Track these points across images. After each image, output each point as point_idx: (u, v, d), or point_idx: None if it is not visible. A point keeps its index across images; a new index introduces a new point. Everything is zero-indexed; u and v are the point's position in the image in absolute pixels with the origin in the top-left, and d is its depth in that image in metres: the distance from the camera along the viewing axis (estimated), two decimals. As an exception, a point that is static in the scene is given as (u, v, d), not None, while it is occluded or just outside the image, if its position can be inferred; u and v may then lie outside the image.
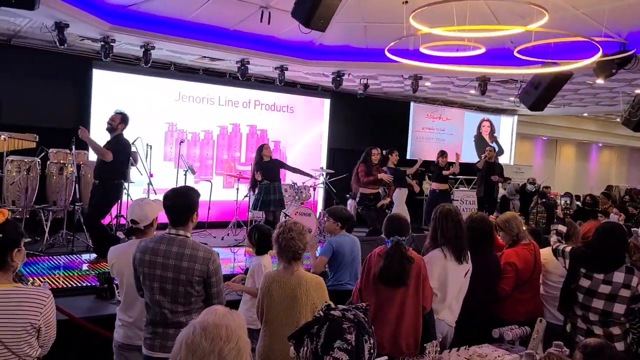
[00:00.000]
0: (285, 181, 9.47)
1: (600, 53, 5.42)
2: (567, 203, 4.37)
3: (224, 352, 1.51)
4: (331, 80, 9.45)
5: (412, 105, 13.03)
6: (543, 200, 10.72)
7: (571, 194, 11.16)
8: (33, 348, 2.38)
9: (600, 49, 5.31)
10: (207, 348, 1.51)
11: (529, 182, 12.61)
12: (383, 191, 8.54)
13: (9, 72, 8.22)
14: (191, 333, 1.54)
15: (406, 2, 6.00)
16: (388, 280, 3.44)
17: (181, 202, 2.95)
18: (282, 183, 8.74)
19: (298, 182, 9.52)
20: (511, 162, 15.10)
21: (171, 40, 7.55)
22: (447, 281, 3.76)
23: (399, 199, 9.41)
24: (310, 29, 5.56)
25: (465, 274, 3.83)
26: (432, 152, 11.32)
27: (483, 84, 9.31)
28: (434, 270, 3.73)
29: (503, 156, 14.77)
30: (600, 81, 8.24)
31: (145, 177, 8.05)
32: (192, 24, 7.48)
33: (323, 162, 11.50)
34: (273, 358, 3.09)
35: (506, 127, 15.07)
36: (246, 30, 7.76)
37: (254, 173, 8.21)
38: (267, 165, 8.27)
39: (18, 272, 2.64)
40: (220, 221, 9.50)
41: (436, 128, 13.56)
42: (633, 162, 23.05)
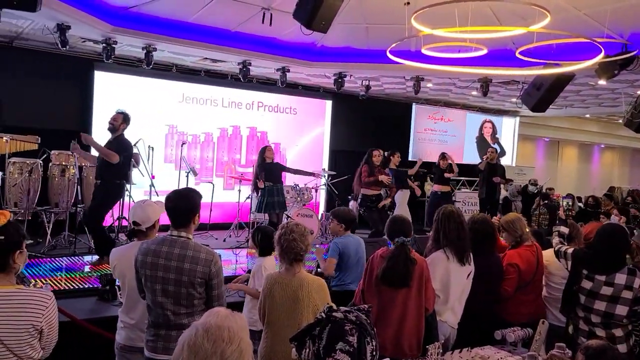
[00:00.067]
0: (286, 183, 9.48)
1: (602, 54, 5.41)
2: (569, 205, 4.33)
3: (226, 354, 1.51)
4: (333, 81, 9.45)
5: (414, 106, 13.04)
6: (545, 201, 10.69)
7: (573, 196, 11.12)
8: (35, 350, 2.38)
9: (602, 50, 5.30)
10: (209, 349, 1.51)
11: (531, 184, 12.58)
12: (385, 192, 8.53)
13: (11, 74, 8.25)
14: (193, 334, 1.54)
15: (408, 4, 6.00)
16: (391, 281, 3.42)
17: (183, 204, 2.95)
18: (284, 185, 8.74)
19: (300, 184, 9.53)
20: (513, 164, 15.09)
21: (173, 41, 7.57)
22: (450, 283, 3.75)
23: (401, 200, 9.42)
24: (311, 31, 5.57)
25: (467, 276, 3.83)
26: (434, 154, 11.32)
27: (485, 85, 9.30)
28: (437, 271, 3.72)
29: (505, 157, 14.76)
30: (602, 82, 8.22)
31: (147, 179, 8.05)
32: (194, 26, 7.49)
33: (325, 164, 11.50)
34: (275, 359, 3.09)
35: (508, 129, 15.06)
36: (248, 31, 7.77)
37: (257, 175, 8.20)
38: (270, 167, 8.26)
39: (20, 274, 2.64)
40: (221, 223, 9.51)
41: (438, 129, 13.56)
42: (635, 164, 23.00)
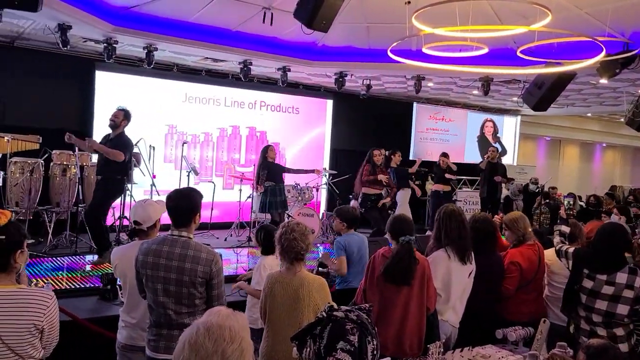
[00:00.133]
0: (286, 182, 9.48)
1: (603, 53, 5.41)
2: (570, 204, 4.33)
3: (227, 353, 1.51)
4: (334, 81, 9.45)
5: (415, 105, 13.03)
6: (547, 200, 10.69)
7: (574, 195, 11.11)
8: (36, 349, 2.38)
9: (603, 49, 5.29)
10: (211, 348, 1.50)
11: (532, 182, 12.57)
12: (385, 192, 8.54)
13: (13, 74, 8.26)
14: (194, 333, 1.54)
15: (409, 3, 6.00)
16: (394, 277, 3.41)
17: (184, 204, 2.95)
18: (285, 184, 8.74)
19: (301, 183, 9.53)
20: (514, 163, 15.08)
21: (174, 41, 7.57)
22: (451, 282, 3.75)
23: (402, 200, 9.43)
24: (312, 30, 5.57)
25: (469, 275, 3.83)
26: (435, 153, 11.32)
27: (486, 84, 9.29)
28: (438, 270, 3.72)
29: (506, 157, 14.75)
30: (603, 81, 8.21)
31: (148, 178, 8.06)
32: (195, 25, 7.49)
33: (326, 163, 11.49)
34: (276, 358, 3.09)
35: (509, 128, 15.04)
36: (249, 31, 7.77)
37: (259, 174, 8.21)
38: (272, 166, 8.28)
39: (21, 273, 2.64)
40: (222, 222, 9.51)
41: (439, 129, 13.55)
42: (637, 162, 22.98)
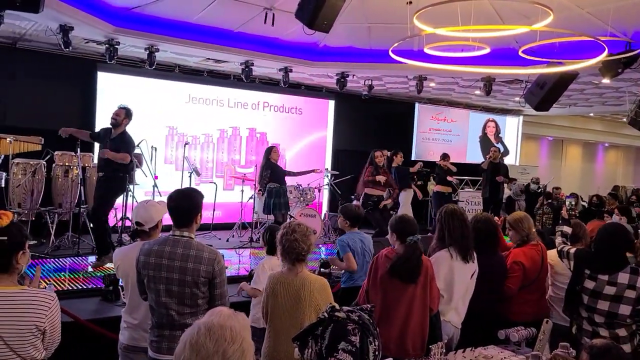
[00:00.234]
0: (287, 183, 9.48)
1: (605, 52, 5.39)
2: (572, 204, 4.32)
3: (228, 353, 1.51)
4: (335, 81, 9.45)
5: (417, 106, 13.02)
6: (549, 201, 10.67)
7: (577, 195, 11.09)
8: (38, 350, 2.38)
9: (605, 49, 5.28)
10: (212, 348, 1.50)
11: (533, 182, 12.55)
12: (387, 193, 8.54)
13: (15, 75, 8.28)
14: (195, 333, 1.53)
15: (410, 3, 5.99)
16: (401, 274, 3.39)
17: (185, 204, 2.95)
18: (287, 185, 8.75)
19: (303, 184, 9.53)
20: (517, 163, 15.06)
21: (175, 42, 7.57)
22: (454, 281, 3.74)
23: (405, 200, 9.44)
24: (314, 30, 5.57)
25: (471, 275, 3.82)
26: (437, 153, 11.33)
27: (488, 85, 9.28)
28: (441, 270, 3.71)
29: (509, 157, 14.72)
30: (606, 81, 8.20)
31: (150, 179, 8.06)
32: (196, 26, 7.50)
33: (328, 164, 11.49)
34: (278, 359, 3.09)
35: (511, 128, 15.02)
36: (250, 32, 7.78)
37: (262, 174, 8.23)
38: (275, 167, 8.29)
39: (23, 274, 2.64)
40: (224, 223, 9.50)
41: (441, 129, 13.54)
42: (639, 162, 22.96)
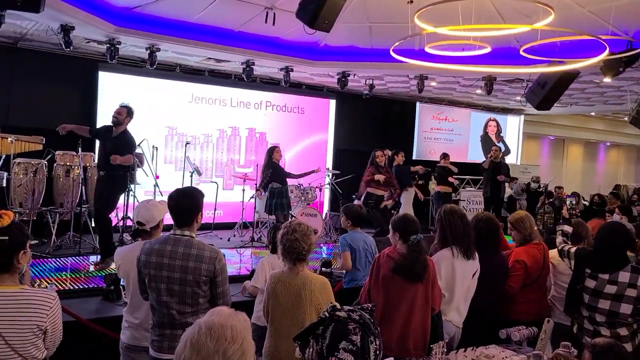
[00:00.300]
0: (288, 182, 9.49)
1: (607, 51, 5.38)
2: (573, 203, 4.32)
3: (229, 353, 1.50)
4: (336, 80, 9.44)
5: (418, 105, 13.01)
6: (551, 200, 10.67)
7: (578, 194, 11.08)
8: (39, 350, 2.39)
9: (607, 48, 5.27)
10: (212, 348, 1.50)
11: (533, 181, 12.54)
12: (389, 193, 8.53)
13: (16, 75, 8.28)
14: (196, 332, 1.53)
15: (411, 2, 5.99)
16: (409, 274, 3.38)
17: (186, 203, 2.95)
18: (288, 185, 8.75)
19: (304, 183, 9.53)
20: (518, 162, 15.05)
21: (176, 41, 7.57)
22: (455, 280, 3.73)
23: (406, 200, 9.44)
24: (314, 30, 5.56)
25: (473, 275, 3.81)
26: (438, 153, 11.35)
27: (489, 84, 9.27)
28: (442, 268, 3.71)
29: (510, 156, 14.72)
30: (607, 80, 8.19)
31: (151, 179, 8.07)
32: (197, 26, 7.50)
33: (329, 163, 11.49)
34: (279, 358, 3.09)
35: (513, 127, 15.01)
36: (251, 31, 7.77)
37: (264, 174, 8.23)
38: (277, 167, 8.29)
39: (25, 273, 2.64)
40: (225, 222, 9.50)
41: (442, 128, 13.54)
42: (641, 161, 22.94)
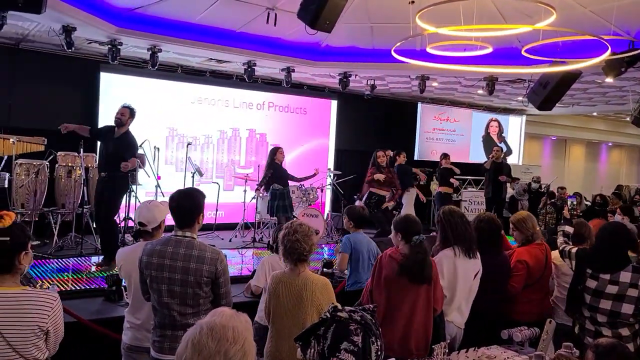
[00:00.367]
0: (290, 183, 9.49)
1: (609, 51, 5.37)
2: (574, 204, 4.32)
3: (230, 354, 1.50)
4: (338, 81, 9.44)
5: (420, 105, 13.00)
6: (552, 200, 10.65)
7: (580, 194, 11.07)
8: (41, 351, 2.39)
9: (609, 48, 5.26)
10: (213, 348, 1.50)
11: (534, 181, 12.52)
12: (391, 194, 8.53)
13: (18, 76, 8.29)
14: (198, 333, 1.53)
15: (412, 2, 5.98)
16: (415, 275, 3.37)
17: (187, 204, 2.95)
18: (290, 185, 8.75)
19: (305, 184, 9.53)
20: (520, 163, 15.03)
21: (178, 42, 7.58)
22: (457, 280, 3.72)
23: (408, 201, 9.43)
24: (316, 30, 5.55)
25: (474, 276, 3.80)
26: (440, 153, 11.30)
27: (491, 84, 9.26)
28: (444, 268, 3.71)
29: (512, 156, 14.71)
30: (609, 80, 8.18)
31: (152, 180, 8.07)
32: (199, 27, 7.50)
33: (330, 164, 11.48)
34: (280, 358, 3.09)
35: (514, 127, 15.00)
36: (252, 32, 7.77)
37: (266, 174, 8.23)
38: (278, 168, 8.29)
39: (27, 274, 2.64)
40: (226, 223, 9.50)
41: (444, 129, 13.53)
42: (643, 162, 22.89)
